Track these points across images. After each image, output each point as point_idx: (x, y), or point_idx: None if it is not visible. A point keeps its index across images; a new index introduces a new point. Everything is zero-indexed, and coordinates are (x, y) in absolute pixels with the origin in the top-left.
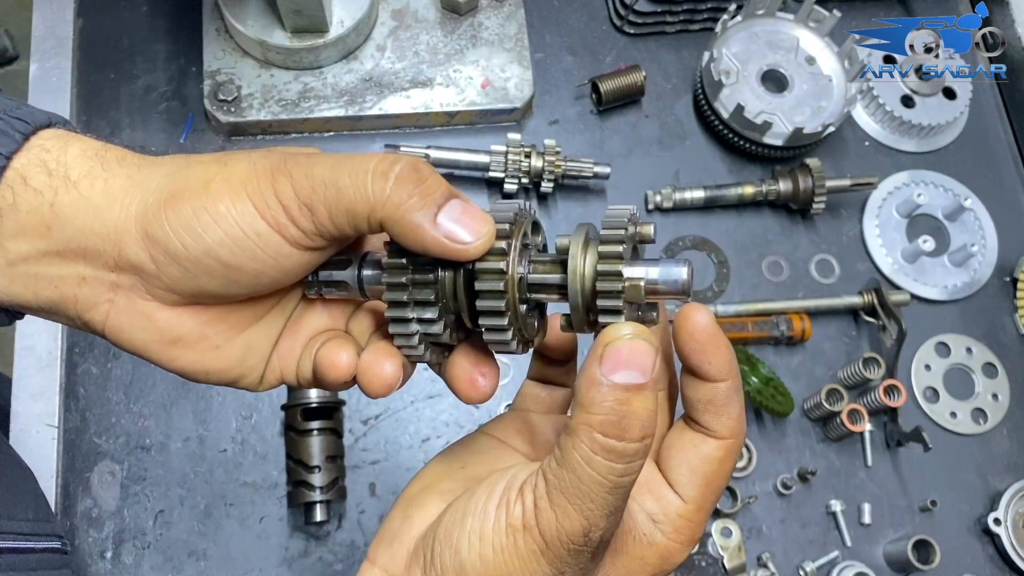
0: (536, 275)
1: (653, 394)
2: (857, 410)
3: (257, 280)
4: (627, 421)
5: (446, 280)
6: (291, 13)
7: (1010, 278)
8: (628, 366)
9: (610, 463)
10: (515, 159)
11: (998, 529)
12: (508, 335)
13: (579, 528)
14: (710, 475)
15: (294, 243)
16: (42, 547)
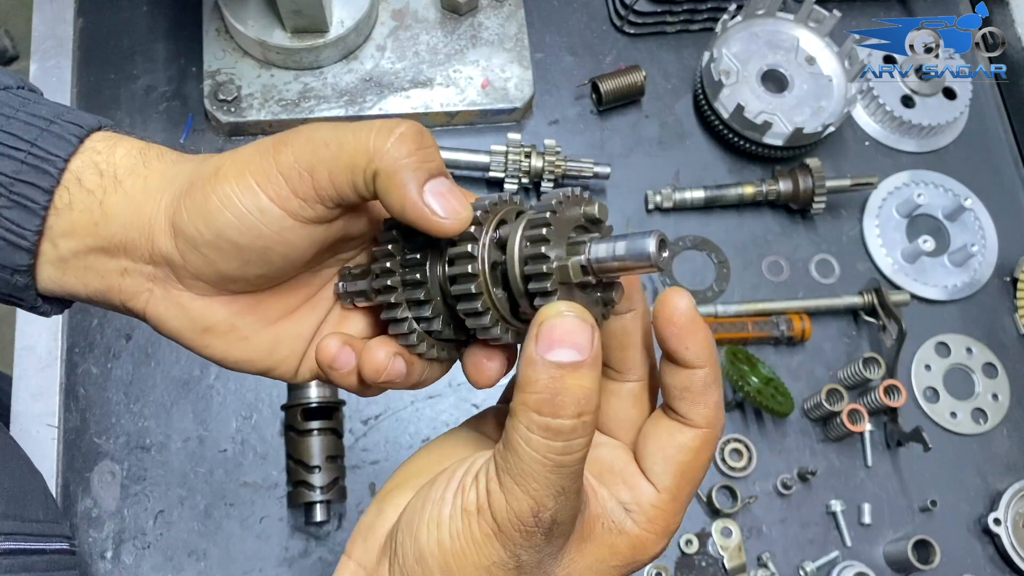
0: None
1: (591, 372)
2: (857, 410)
3: (266, 258)
4: (560, 398)
5: (432, 276)
6: (291, 13)
7: (1010, 278)
8: (563, 343)
9: (547, 441)
10: (515, 159)
11: (998, 529)
12: (486, 320)
13: (527, 509)
14: (685, 465)
15: (295, 215)
16: (52, 548)
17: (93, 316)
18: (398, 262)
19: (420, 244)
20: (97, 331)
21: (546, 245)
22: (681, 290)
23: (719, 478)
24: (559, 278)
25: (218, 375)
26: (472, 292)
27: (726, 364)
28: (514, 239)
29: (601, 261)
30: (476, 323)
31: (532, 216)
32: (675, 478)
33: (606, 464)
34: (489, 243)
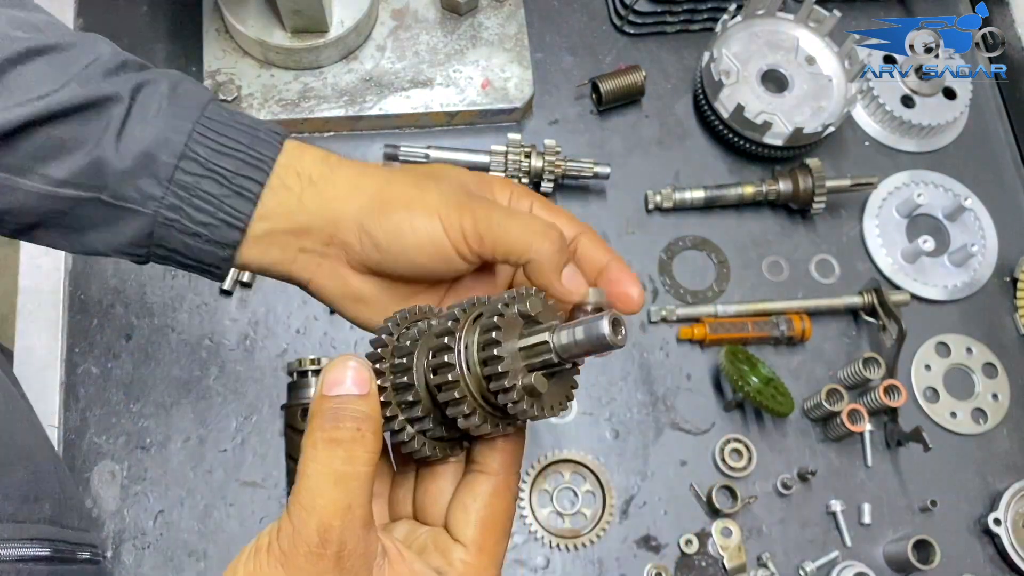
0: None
1: (371, 402)
2: (857, 410)
3: (428, 271)
4: (342, 413)
5: (419, 380)
6: (291, 13)
7: (1010, 278)
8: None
9: (331, 452)
10: (515, 159)
11: (998, 529)
12: (476, 420)
13: (312, 528)
14: (484, 513)
15: (462, 256)
16: (82, 557)
17: (93, 316)
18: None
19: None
20: (97, 331)
21: (498, 347)
22: None
23: (719, 478)
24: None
25: (218, 375)
26: (456, 397)
27: (726, 364)
28: (473, 334)
29: (565, 347)
30: (456, 411)
31: (485, 310)
32: (478, 529)
33: (422, 543)
34: (464, 349)
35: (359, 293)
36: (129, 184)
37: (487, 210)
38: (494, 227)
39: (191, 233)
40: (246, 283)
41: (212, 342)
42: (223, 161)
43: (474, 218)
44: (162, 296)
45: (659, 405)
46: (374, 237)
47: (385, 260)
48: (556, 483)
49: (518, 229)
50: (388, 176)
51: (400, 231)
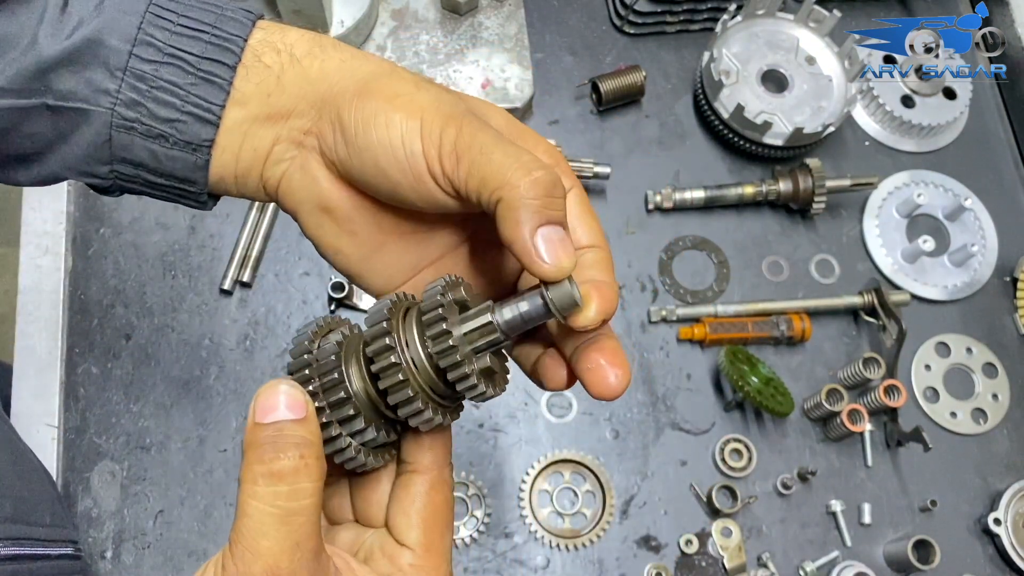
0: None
1: (309, 425)
2: (857, 410)
3: (395, 190)
4: (280, 442)
5: (352, 384)
6: (291, 13)
7: (1010, 278)
8: (277, 407)
9: (273, 487)
10: None
11: (998, 529)
12: (419, 404)
13: (260, 570)
14: (425, 513)
15: (432, 175)
16: (57, 554)
17: (93, 316)
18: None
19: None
20: (97, 331)
21: (449, 337)
22: None
23: (719, 478)
24: (463, 349)
25: (218, 375)
26: (400, 380)
27: (726, 364)
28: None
29: (510, 324)
30: (409, 410)
31: (423, 305)
32: (420, 530)
33: (368, 548)
34: (406, 346)
35: (328, 199)
36: (75, 77)
37: (476, 128)
38: (475, 148)
39: (155, 135)
40: (246, 283)
41: (212, 342)
42: (185, 44)
43: (458, 131)
44: (162, 296)
45: (659, 405)
46: (344, 124)
47: (352, 159)
48: (556, 483)
49: (499, 156)
50: (391, 68)
51: (372, 121)
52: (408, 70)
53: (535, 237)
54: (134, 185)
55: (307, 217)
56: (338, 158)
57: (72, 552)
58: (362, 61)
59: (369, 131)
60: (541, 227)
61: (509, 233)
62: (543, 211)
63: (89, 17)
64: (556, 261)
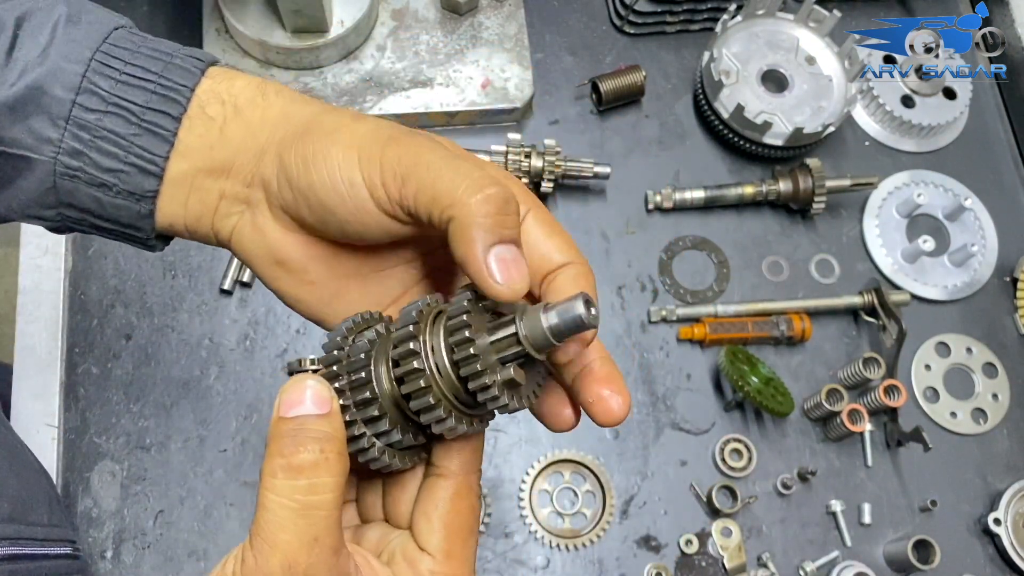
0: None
1: (333, 421)
2: (857, 410)
3: (343, 226)
4: (301, 436)
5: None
6: (291, 13)
7: (1010, 278)
8: (301, 402)
9: (292, 481)
10: (515, 159)
11: (998, 529)
12: (440, 412)
13: (276, 565)
14: (448, 519)
15: (378, 203)
16: (55, 553)
17: (93, 316)
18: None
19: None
20: (97, 331)
21: (472, 345)
22: None
23: (719, 478)
24: (487, 359)
25: (218, 375)
26: (431, 403)
27: (726, 364)
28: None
29: (536, 337)
30: (431, 417)
31: (449, 311)
32: (442, 535)
33: (392, 550)
34: (431, 351)
35: (280, 252)
36: (18, 126)
37: (420, 147)
38: (421, 166)
39: (99, 184)
40: (246, 283)
41: (212, 342)
42: (130, 93)
43: (399, 153)
44: (162, 296)
45: (659, 405)
46: (286, 168)
47: (298, 202)
48: (556, 483)
49: (449, 173)
50: (332, 108)
51: (311, 160)
52: (349, 109)
53: (488, 256)
54: (82, 227)
55: (262, 270)
56: (284, 203)
57: (70, 552)
58: (302, 105)
59: (309, 171)
60: (494, 246)
61: (462, 253)
62: (495, 229)
63: (33, 65)
64: (508, 281)
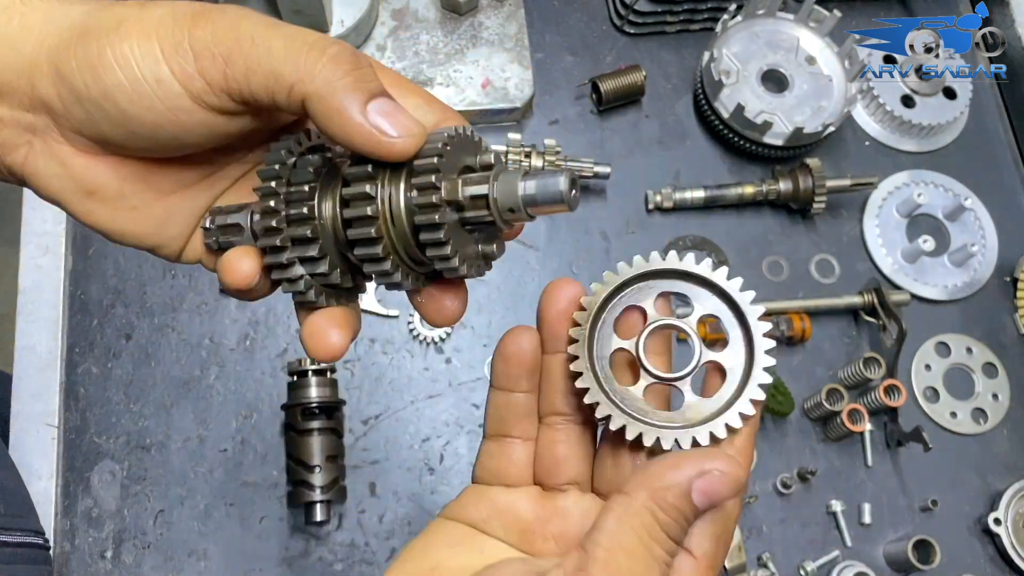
0: None
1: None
2: (857, 410)
3: (155, 134)
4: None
5: (321, 215)
6: (291, 13)
7: (1010, 278)
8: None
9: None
10: (515, 159)
11: (998, 529)
12: (387, 265)
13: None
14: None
15: (196, 98)
16: (15, 541)
17: (93, 316)
18: (282, 199)
19: (308, 178)
20: (97, 331)
21: (436, 175)
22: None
23: None
24: (448, 208)
25: (218, 375)
26: (372, 236)
27: None
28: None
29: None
30: (375, 268)
31: (422, 150)
32: (712, 541)
33: None
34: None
35: (87, 181)
36: None
37: (236, 18)
38: (245, 41)
39: None
40: None
41: (212, 342)
42: None
43: (212, 31)
44: (162, 296)
45: None
46: (71, 82)
47: (94, 116)
48: None
49: (280, 43)
50: (107, 2)
51: (99, 64)
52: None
53: (367, 117)
54: None
55: (72, 206)
56: (77, 124)
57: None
58: (72, 5)
59: (100, 77)
60: (368, 103)
61: (336, 125)
62: (360, 86)
63: None
64: (405, 129)
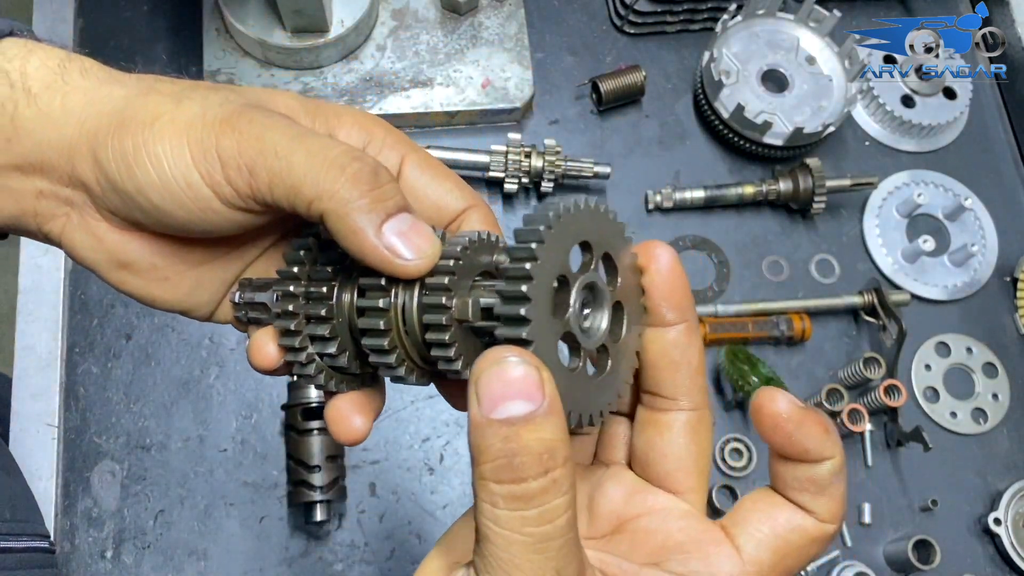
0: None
1: (549, 420)
2: (857, 410)
3: (186, 227)
4: (520, 459)
5: (339, 304)
6: (291, 13)
7: (1010, 278)
8: (507, 397)
9: (520, 512)
10: (515, 159)
11: (998, 529)
12: (391, 359)
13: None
14: (791, 548)
15: (225, 201)
16: (21, 546)
17: (93, 316)
18: (303, 286)
19: (331, 261)
20: (97, 331)
21: (447, 295)
22: (774, 389)
23: (719, 478)
24: (457, 327)
25: (218, 375)
26: (380, 328)
27: (726, 364)
28: (412, 289)
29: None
30: (380, 360)
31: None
32: (772, 554)
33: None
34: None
35: (121, 255)
36: None
37: (261, 127)
38: (268, 153)
39: None
40: None
41: (212, 342)
42: None
43: (237, 140)
44: None
45: None
46: (106, 171)
47: (127, 207)
48: None
49: (302, 157)
50: (149, 86)
51: (134, 160)
52: (171, 81)
53: (383, 239)
54: None
55: (106, 275)
56: (112, 207)
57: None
58: (113, 86)
59: (134, 172)
60: (384, 224)
61: (354, 245)
62: (377, 207)
63: None
64: (419, 252)
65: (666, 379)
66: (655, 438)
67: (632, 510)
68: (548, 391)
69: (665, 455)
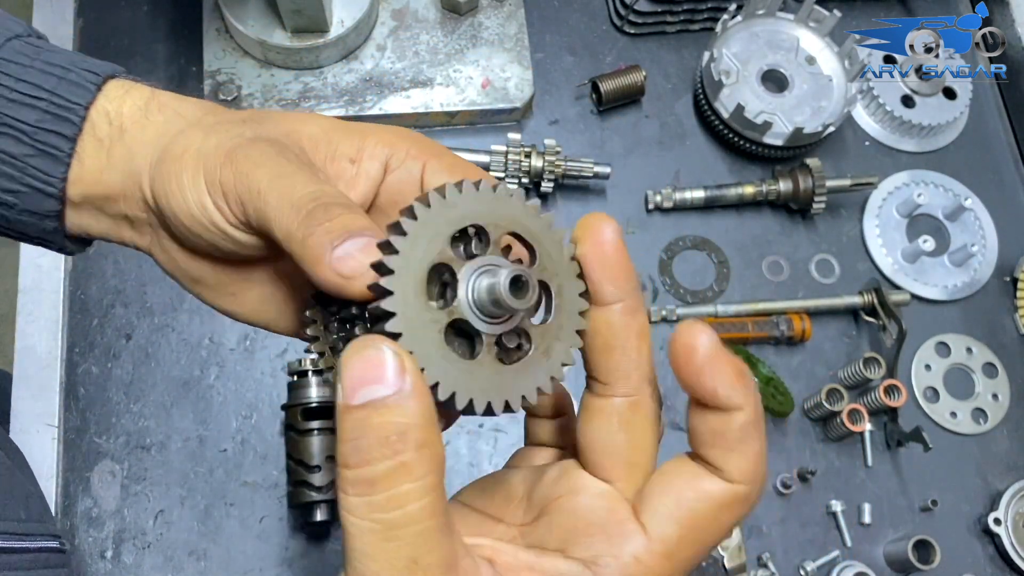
0: None
1: (403, 404)
2: (857, 410)
3: (216, 250)
4: (364, 442)
5: None
6: (291, 13)
7: (1010, 278)
8: (362, 382)
9: (367, 498)
10: (515, 159)
11: (998, 529)
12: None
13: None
14: (699, 516)
15: (236, 226)
16: (36, 547)
17: (93, 316)
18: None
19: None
20: (97, 331)
21: None
22: (697, 323)
23: None
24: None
25: (218, 375)
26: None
27: None
28: None
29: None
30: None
31: None
32: (679, 527)
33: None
34: None
35: (192, 273)
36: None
37: (253, 164)
38: (253, 194)
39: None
40: None
41: (212, 342)
42: (22, 112)
43: (232, 174)
44: (162, 296)
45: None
46: (156, 198)
47: (174, 230)
48: None
49: (274, 198)
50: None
51: (167, 189)
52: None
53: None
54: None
55: (188, 288)
56: (171, 230)
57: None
58: (174, 122)
59: (167, 200)
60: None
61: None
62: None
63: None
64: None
65: (600, 362)
66: (587, 423)
67: (555, 492)
68: (411, 376)
69: (594, 441)
